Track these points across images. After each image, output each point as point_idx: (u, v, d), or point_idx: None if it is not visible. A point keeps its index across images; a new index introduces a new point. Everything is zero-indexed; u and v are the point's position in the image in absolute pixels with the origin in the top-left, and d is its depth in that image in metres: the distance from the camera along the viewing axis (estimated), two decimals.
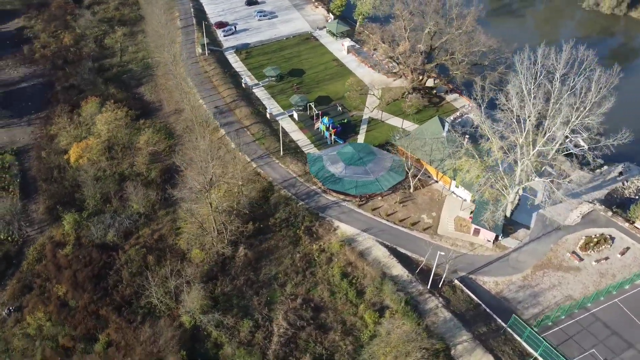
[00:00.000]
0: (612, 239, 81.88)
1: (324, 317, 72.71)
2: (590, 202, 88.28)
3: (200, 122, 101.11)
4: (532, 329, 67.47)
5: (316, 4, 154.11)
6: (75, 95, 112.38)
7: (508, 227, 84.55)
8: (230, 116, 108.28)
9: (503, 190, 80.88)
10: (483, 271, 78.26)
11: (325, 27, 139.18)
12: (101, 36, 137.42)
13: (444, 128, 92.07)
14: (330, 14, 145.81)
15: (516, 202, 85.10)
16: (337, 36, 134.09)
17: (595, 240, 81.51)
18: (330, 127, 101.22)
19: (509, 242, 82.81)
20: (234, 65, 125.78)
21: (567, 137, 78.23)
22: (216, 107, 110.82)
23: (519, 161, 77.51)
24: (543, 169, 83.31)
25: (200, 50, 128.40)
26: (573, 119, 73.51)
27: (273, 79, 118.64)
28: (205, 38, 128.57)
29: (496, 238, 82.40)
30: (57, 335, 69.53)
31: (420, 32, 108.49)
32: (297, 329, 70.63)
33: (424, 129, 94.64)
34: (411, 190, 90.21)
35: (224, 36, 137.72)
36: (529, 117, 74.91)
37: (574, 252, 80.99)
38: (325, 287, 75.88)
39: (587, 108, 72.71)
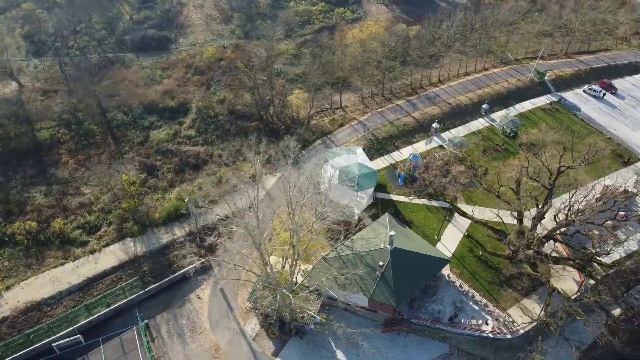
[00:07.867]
0: None
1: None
2: None
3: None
4: None
5: None
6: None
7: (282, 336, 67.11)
8: (424, 106, 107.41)
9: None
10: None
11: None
12: None
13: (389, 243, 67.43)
14: None
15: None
16: None
17: None
18: (411, 168, 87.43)
19: (264, 345, 67.10)
20: (529, 101, 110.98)
21: None
22: (429, 97, 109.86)
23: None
24: None
25: (531, 75, 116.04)
26: None
27: (504, 128, 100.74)
28: (545, 73, 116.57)
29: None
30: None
31: None
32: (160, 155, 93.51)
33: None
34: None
35: (584, 91, 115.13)
36: None
37: None
38: (203, 179, 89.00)
39: None
